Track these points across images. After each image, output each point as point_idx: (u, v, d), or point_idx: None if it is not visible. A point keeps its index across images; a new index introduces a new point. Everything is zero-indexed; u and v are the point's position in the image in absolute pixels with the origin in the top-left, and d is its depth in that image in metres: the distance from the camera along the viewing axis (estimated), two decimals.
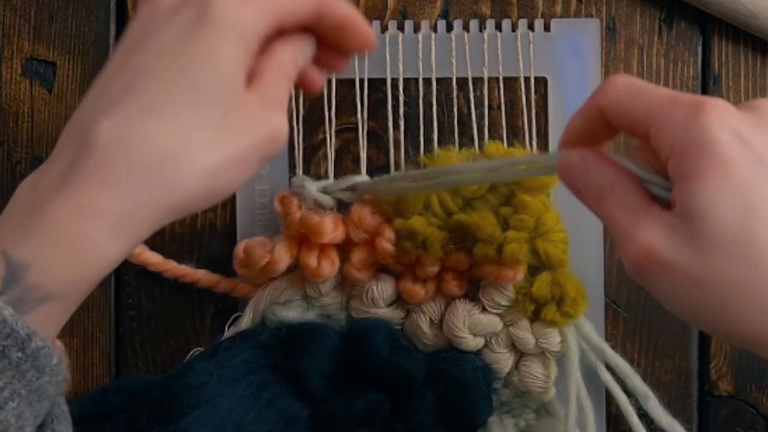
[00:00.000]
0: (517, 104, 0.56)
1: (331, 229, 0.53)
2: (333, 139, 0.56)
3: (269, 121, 0.43)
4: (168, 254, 0.57)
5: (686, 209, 0.39)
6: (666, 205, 0.40)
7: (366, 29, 0.46)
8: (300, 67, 0.46)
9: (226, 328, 0.56)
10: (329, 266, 0.54)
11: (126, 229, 0.40)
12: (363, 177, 0.56)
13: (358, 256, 0.54)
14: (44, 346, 0.39)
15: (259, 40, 0.43)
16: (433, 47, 0.56)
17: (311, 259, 0.53)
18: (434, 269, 0.53)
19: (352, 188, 0.55)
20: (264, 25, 0.43)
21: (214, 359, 0.53)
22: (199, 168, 0.40)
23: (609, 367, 0.54)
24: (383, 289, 0.54)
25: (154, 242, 0.57)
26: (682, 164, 0.39)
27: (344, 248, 0.54)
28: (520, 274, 0.53)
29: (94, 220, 0.39)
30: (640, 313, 0.58)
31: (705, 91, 0.58)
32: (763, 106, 0.40)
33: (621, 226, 0.41)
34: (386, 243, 0.53)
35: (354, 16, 0.46)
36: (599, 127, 0.44)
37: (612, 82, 0.43)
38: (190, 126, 0.41)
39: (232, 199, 0.57)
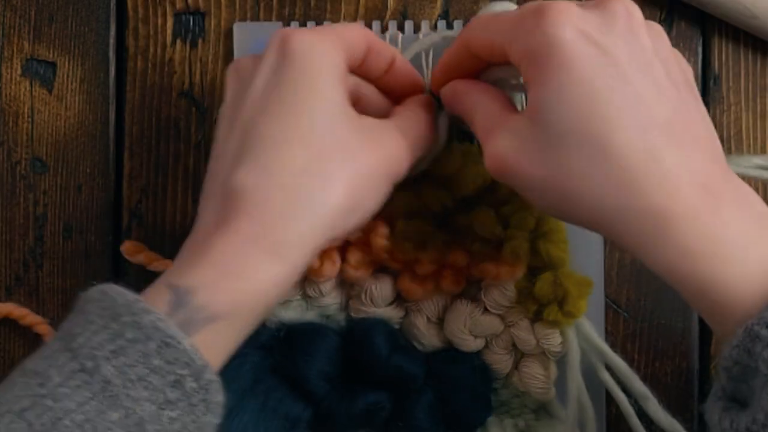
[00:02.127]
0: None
1: None
2: None
3: (387, 142, 0.46)
4: (168, 254, 0.57)
5: (532, 111, 0.41)
6: None
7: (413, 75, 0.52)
8: (433, 140, 0.50)
9: None
10: (331, 267, 0.54)
11: (284, 252, 0.42)
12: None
13: (354, 255, 0.54)
14: (215, 380, 0.40)
15: (344, 64, 0.46)
16: (433, 47, 0.56)
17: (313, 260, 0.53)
18: (432, 267, 0.53)
19: None
20: (341, 57, 0.45)
21: (223, 371, 0.52)
22: (336, 181, 0.43)
23: (609, 368, 0.54)
24: (381, 288, 0.54)
25: (154, 242, 0.57)
26: (530, 70, 0.41)
27: (344, 248, 0.54)
28: (520, 272, 0.53)
29: (252, 246, 0.41)
30: (640, 313, 0.58)
31: (705, 91, 0.58)
32: (609, 3, 0.42)
33: (482, 139, 0.45)
34: (379, 238, 0.53)
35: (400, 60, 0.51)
36: (467, 61, 0.47)
37: (474, 19, 0.47)
38: (314, 152, 0.43)
39: None
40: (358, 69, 0.48)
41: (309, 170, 0.43)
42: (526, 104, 0.43)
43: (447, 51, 0.49)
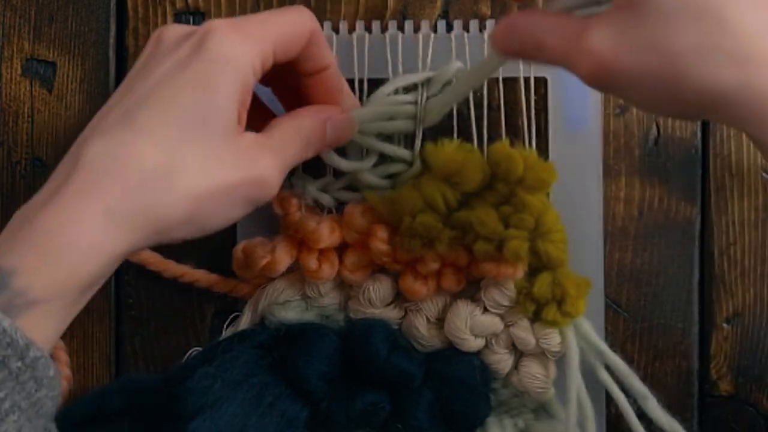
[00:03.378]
0: (517, 104, 0.56)
1: (327, 234, 0.53)
2: None
3: (260, 165, 0.44)
4: (167, 254, 0.57)
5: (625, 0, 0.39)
6: None
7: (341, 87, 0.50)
8: (328, 142, 0.49)
9: (225, 328, 0.56)
10: (329, 268, 0.54)
11: (107, 241, 0.41)
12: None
13: (350, 258, 0.54)
14: (42, 356, 0.39)
15: (256, 74, 0.44)
16: (433, 47, 0.56)
17: (312, 262, 0.53)
18: (436, 265, 0.53)
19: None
20: (260, 60, 0.44)
21: (215, 362, 0.53)
22: (181, 191, 0.41)
23: (608, 368, 0.54)
24: (380, 289, 0.54)
25: None
26: None
27: (343, 249, 0.54)
28: (520, 271, 0.53)
29: (75, 226, 0.40)
30: (640, 313, 0.58)
31: None
32: None
33: (567, 53, 0.41)
34: (380, 243, 0.53)
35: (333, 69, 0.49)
36: None
37: None
38: (178, 151, 0.42)
39: None
40: (290, 62, 0.47)
41: (158, 170, 0.41)
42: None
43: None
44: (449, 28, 0.57)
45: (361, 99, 0.56)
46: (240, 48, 0.43)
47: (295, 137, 0.47)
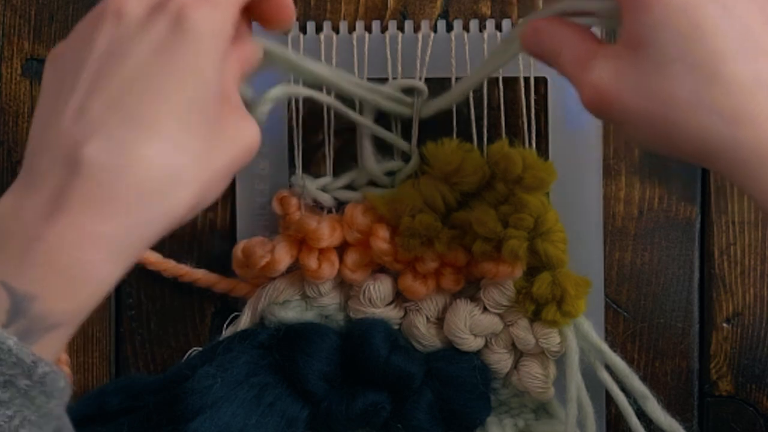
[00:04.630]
0: (517, 104, 0.56)
1: (328, 234, 0.53)
2: (333, 139, 0.56)
3: (246, 133, 0.43)
4: (168, 254, 0.57)
5: (631, 39, 0.40)
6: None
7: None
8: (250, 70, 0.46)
9: (225, 328, 0.56)
10: (329, 268, 0.54)
11: (124, 252, 0.39)
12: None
13: (351, 257, 0.54)
14: (50, 371, 0.38)
15: (230, 39, 0.42)
16: (433, 47, 0.56)
17: (312, 261, 0.53)
18: (435, 265, 0.53)
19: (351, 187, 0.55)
20: (231, 26, 0.42)
21: (215, 362, 0.53)
22: (192, 185, 0.40)
23: (608, 367, 0.54)
24: (380, 288, 0.54)
25: None
26: None
27: (343, 249, 0.54)
28: (519, 271, 0.53)
29: (94, 247, 0.38)
30: (640, 313, 0.58)
31: None
32: None
33: (575, 75, 0.43)
34: (381, 242, 0.53)
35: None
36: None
37: None
38: (181, 147, 0.40)
39: (232, 199, 0.57)
40: None
41: (168, 170, 0.39)
42: (618, 34, 0.42)
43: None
44: (449, 28, 0.57)
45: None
46: (216, 21, 0.41)
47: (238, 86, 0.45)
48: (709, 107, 0.39)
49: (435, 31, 0.57)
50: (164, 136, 0.39)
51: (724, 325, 0.57)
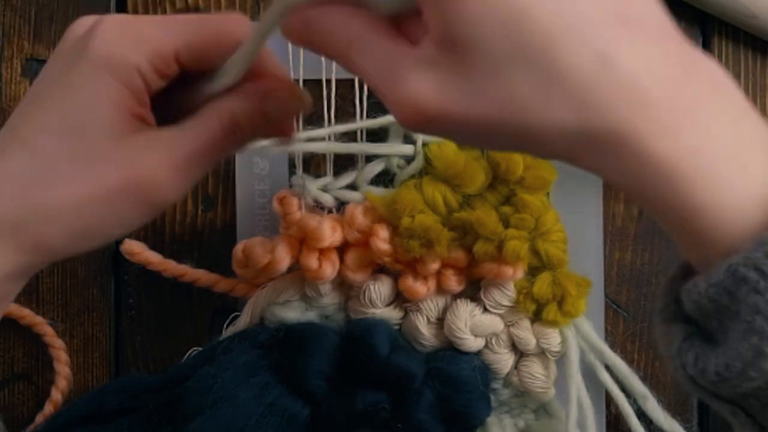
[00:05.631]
0: None
1: (329, 233, 0.53)
2: (333, 139, 0.56)
3: (144, 165, 0.40)
4: (168, 254, 0.57)
5: (445, 39, 0.33)
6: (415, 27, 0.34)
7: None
8: (275, 119, 0.42)
9: (225, 328, 0.56)
10: (330, 268, 0.54)
11: None
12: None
13: (352, 257, 0.54)
14: None
15: (145, 75, 0.40)
16: None
17: (312, 261, 0.53)
18: (435, 266, 0.53)
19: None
20: (150, 62, 0.40)
21: (215, 362, 0.53)
22: (56, 202, 0.39)
23: (608, 368, 0.54)
24: (380, 289, 0.54)
25: (154, 242, 0.57)
26: None
27: (343, 249, 0.54)
28: (520, 272, 0.53)
29: None
30: (640, 313, 0.58)
31: None
32: None
33: (378, 86, 0.35)
34: (381, 242, 0.53)
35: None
36: None
37: None
38: (51, 161, 0.39)
39: (233, 199, 0.57)
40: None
41: (33, 185, 0.39)
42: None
43: None
44: None
45: (361, 99, 0.56)
46: (121, 49, 0.40)
47: (214, 123, 0.41)
48: (555, 102, 0.33)
49: None
50: (35, 150, 0.39)
51: None
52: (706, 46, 0.58)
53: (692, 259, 0.35)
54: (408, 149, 0.55)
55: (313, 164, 0.57)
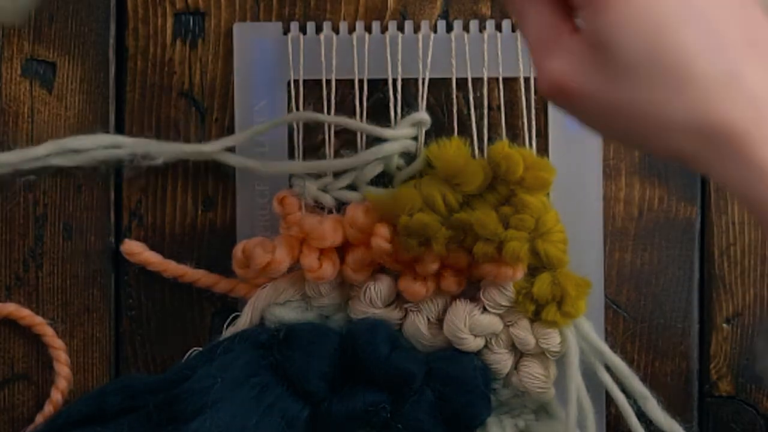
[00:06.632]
0: (516, 104, 0.56)
1: (330, 233, 0.53)
2: (333, 139, 0.56)
3: None
4: (168, 254, 0.57)
5: (593, 38, 0.38)
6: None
7: None
8: None
9: (225, 328, 0.56)
10: (330, 268, 0.54)
11: None
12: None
13: (353, 257, 0.54)
14: None
15: None
16: (433, 47, 0.56)
17: (312, 261, 0.53)
18: (435, 266, 0.53)
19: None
20: None
21: (215, 362, 0.53)
22: None
23: (608, 368, 0.54)
24: (380, 289, 0.54)
25: (154, 242, 0.57)
26: None
27: (343, 249, 0.54)
28: (520, 273, 0.53)
29: None
30: (640, 313, 0.58)
31: None
32: None
33: (532, 51, 0.41)
34: (382, 241, 0.53)
35: None
36: None
37: None
38: None
39: (233, 199, 0.57)
40: None
41: None
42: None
43: None
44: (449, 28, 0.57)
45: (361, 99, 0.56)
46: None
47: None
48: (681, 105, 0.37)
49: (435, 31, 0.57)
50: None
51: (724, 325, 0.58)
52: None
53: None
54: (411, 144, 0.55)
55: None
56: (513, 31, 0.56)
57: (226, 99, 0.58)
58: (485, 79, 0.56)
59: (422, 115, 0.55)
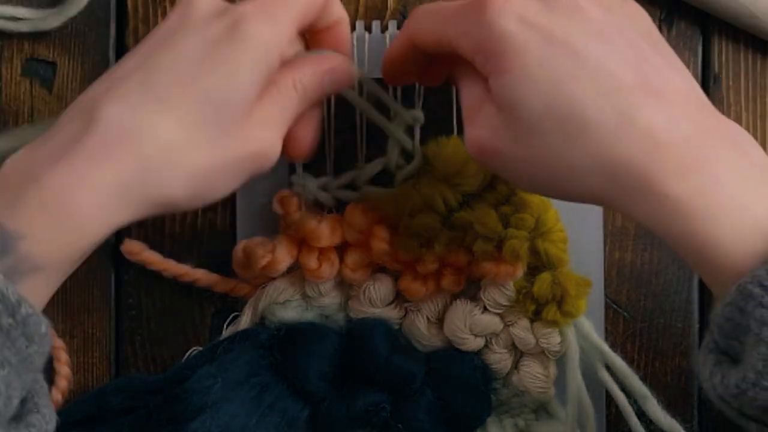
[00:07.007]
0: None
1: (328, 233, 0.53)
2: (333, 139, 0.56)
3: (262, 138, 0.45)
4: (168, 254, 0.57)
5: (500, 100, 0.42)
6: None
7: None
8: (325, 93, 0.48)
9: (225, 328, 0.56)
10: (330, 268, 0.54)
11: (114, 208, 0.41)
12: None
13: (352, 257, 0.54)
14: (33, 313, 0.39)
15: (283, 56, 0.45)
16: None
17: (312, 261, 0.53)
18: (435, 266, 0.53)
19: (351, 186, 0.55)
20: (287, 41, 0.45)
21: (215, 362, 0.53)
22: (190, 167, 0.42)
23: (608, 367, 0.54)
24: (380, 289, 0.54)
25: (154, 241, 0.57)
26: (484, 63, 0.42)
27: (343, 249, 0.54)
28: (519, 271, 0.53)
29: (86, 193, 0.41)
30: (640, 313, 0.58)
31: (705, 90, 0.58)
32: None
33: (464, 117, 0.45)
34: (381, 242, 0.53)
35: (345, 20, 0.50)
36: (415, 55, 0.47)
37: (413, 11, 0.47)
38: (191, 127, 0.42)
39: (232, 199, 0.57)
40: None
41: (171, 144, 0.42)
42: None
43: (393, 43, 0.49)
44: None
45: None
46: (271, 35, 0.44)
47: (293, 93, 0.47)
48: (584, 153, 0.40)
49: None
50: (176, 115, 0.42)
51: None
52: (706, 46, 0.58)
53: (713, 289, 0.41)
54: (407, 142, 0.55)
55: (313, 164, 0.57)
56: None
57: None
58: None
59: (416, 112, 0.55)
